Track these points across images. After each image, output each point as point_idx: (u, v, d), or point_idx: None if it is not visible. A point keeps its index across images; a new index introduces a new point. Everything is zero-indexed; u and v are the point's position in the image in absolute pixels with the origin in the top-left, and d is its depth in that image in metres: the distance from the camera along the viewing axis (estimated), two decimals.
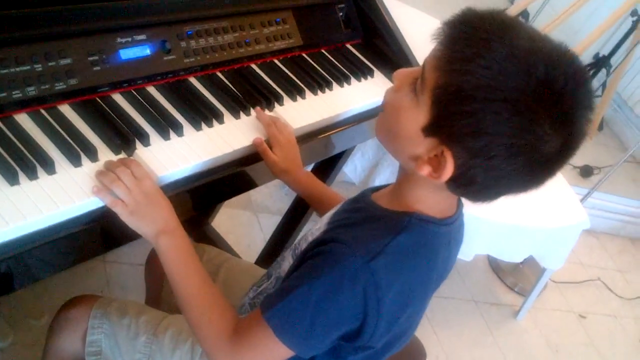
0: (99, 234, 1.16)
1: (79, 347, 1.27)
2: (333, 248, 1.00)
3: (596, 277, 3.50)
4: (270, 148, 1.36)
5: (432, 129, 0.95)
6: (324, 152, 1.73)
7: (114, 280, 2.12)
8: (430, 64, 0.95)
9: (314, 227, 1.17)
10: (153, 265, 1.56)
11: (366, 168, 2.52)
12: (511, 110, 0.88)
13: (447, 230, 1.08)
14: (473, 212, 2.37)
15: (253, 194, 2.77)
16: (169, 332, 1.28)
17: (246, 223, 2.63)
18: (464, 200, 1.10)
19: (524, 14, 4.51)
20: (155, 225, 1.10)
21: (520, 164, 0.91)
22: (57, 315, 1.31)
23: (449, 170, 0.95)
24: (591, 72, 4.17)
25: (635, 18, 3.94)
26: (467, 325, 2.85)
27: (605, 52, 4.24)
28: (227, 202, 2.61)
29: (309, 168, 2.11)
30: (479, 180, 0.95)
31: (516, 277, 3.18)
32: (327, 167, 2.11)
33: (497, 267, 3.21)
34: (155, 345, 1.27)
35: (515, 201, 2.48)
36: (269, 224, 2.64)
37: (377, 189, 1.17)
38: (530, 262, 2.98)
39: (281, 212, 2.65)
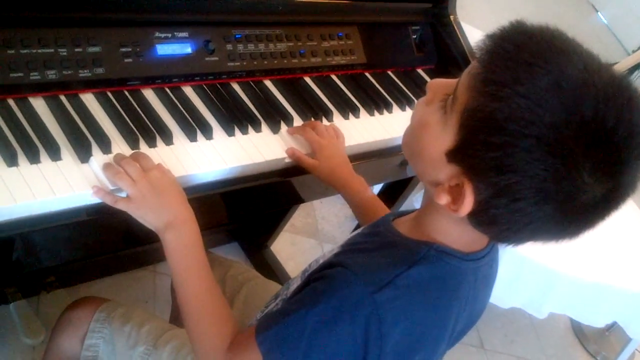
0: (105, 228, 1.10)
1: (77, 349, 1.21)
2: (337, 273, 0.89)
3: None
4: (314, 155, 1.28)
5: (456, 155, 0.83)
6: (379, 177, 1.62)
7: (161, 292, 2.08)
8: (464, 82, 0.83)
9: (327, 251, 1.06)
10: None
11: None
12: (545, 150, 0.74)
13: (474, 266, 0.95)
14: (548, 264, 2.20)
15: (321, 222, 2.68)
16: (170, 345, 1.20)
17: (309, 251, 2.54)
18: None
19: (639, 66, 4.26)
20: (163, 218, 1.02)
21: (551, 212, 0.78)
22: (62, 314, 1.26)
23: (467, 205, 0.82)
24: None
25: None
26: None
27: None
28: (292, 227, 2.53)
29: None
30: (502, 221, 0.82)
31: (600, 345, 2.92)
32: (392, 193, 2.00)
33: (579, 331, 2.96)
34: (152, 357, 1.19)
35: (598, 255, 2.29)
36: None
37: (402, 214, 1.05)
38: (616, 329, 2.74)
39: None
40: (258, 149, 1.25)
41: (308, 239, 2.57)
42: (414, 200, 2.29)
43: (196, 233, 1.05)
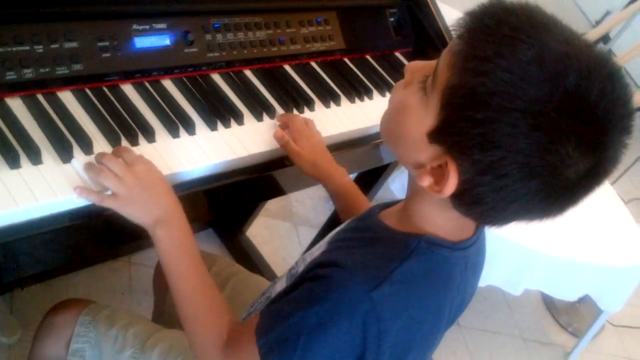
0: (90, 232, 1.06)
1: (63, 355, 1.17)
2: (331, 273, 0.87)
3: None
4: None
5: (438, 134, 0.82)
6: (361, 164, 1.60)
7: (137, 283, 2.04)
8: (444, 60, 0.81)
9: (313, 248, 1.04)
10: (160, 272, 1.46)
11: None
12: (530, 123, 0.73)
13: (463, 255, 0.94)
14: (525, 243, 2.21)
15: (295, 204, 2.66)
16: (158, 348, 1.17)
17: (284, 235, 2.52)
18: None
19: (605, 38, 4.30)
20: (152, 213, 0.99)
21: (535, 188, 0.77)
22: (44, 318, 1.22)
23: (451, 185, 0.81)
24: None
25: None
26: None
27: None
28: (266, 211, 2.51)
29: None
30: (487, 200, 0.80)
31: (571, 316, 2.97)
32: (369, 180, 1.98)
33: (550, 304, 3.00)
34: None
35: (573, 233, 2.32)
36: (309, 237, 2.52)
37: (387, 205, 1.04)
38: (587, 301, 2.78)
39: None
40: (242, 142, 1.22)
41: (283, 222, 2.55)
42: (389, 182, 2.28)
43: (186, 225, 1.03)
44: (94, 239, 1.10)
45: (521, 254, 2.20)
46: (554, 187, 0.77)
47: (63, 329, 1.19)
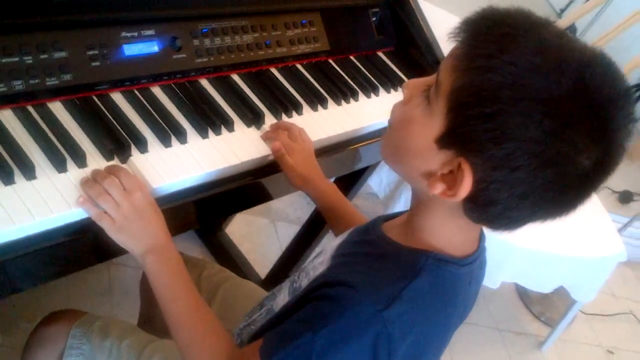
0: (83, 246, 1.05)
1: None
2: (341, 293, 0.86)
3: (628, 310, 3.31)
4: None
5: (448, 138, 0.82)
6: (347, 166, 1.60)
7: (117, 284, 2.02)
8: (447, 66, 0.83)
9: (315, 260, 1.04)
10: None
11: (392, 182, 2.39)
12: (542, 111, 0.75)
13: (468, 270, 0.94)
14: (503, 237, 2.23)
15: (273, 200, 2.65)
16: (154, 359, 1.16)
17: (263, 231, 2.51)
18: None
19: (572, 28, 4.35)
20: (143, 243, 0.99)
21: (549, 179, 0.78)
22: (35, 330, 1.20)
23: (466, 184, 0.81)
24: (637, 93, 3.99)
25: None
26: (488, 355, 2.69)
27: None
28: None
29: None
30: (501, 198, 0.81)
31: (543, 306, 3.02)
32: (350, 181, 1.98)
33: (524, 294, 3.05)
34: None
35: (548, 227, 2.35)
36: (287, 233, 2.52)
37: (389, 217, 1.04)
38: (559, 290, 2.81)
39: (301, 221, 2.54)
40: (233, 150, 1.21)
41: (261, 218, 2.54)
42: (369, 181, 2.29)
43: (177, 253, 1.03)
44: (85, 252, 1.08)
45: (499, 248, 2.22)
46: (567, 176, 0.78)
47: (55, 341, 1.17)
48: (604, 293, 3.26)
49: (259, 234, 2.49)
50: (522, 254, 2.27)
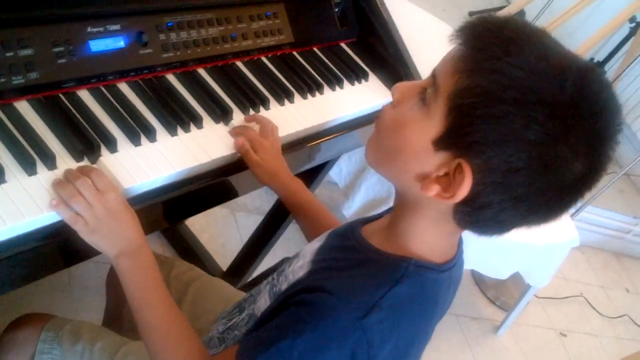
0: (54, 251, 1.02)
1: None
2: (319, 299, 0.86)
3: (579, 293, 3.41)
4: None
5: (447, 140, 0.82)
6: (310, 160, 1.59)
7: (76, 279, 1.98)
8: (447, 68, 0.83)
9: (295, 264, 1.03)
10: (115, 275, 1.42)
11: (352, 172, 2.40)
12: (547, 113, 0.76)
13: (448, 275, 0.95)
14: None
15: None
16: None
17: (222, 221, 2.50)
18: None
19: (521, 13, 4.41)
20: (117, 244, 0.98)
21: (547, 183, 0.79)
22: (3, 335, 1.17)
23: (466, 186, 0.81)
24: None
25: (633, 25, 3.85)
26: (445, 340, 2.74)
27: (600, 58, 4.13)
28: None
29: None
30: (496, 201, 0.81)
31: (498, 291, 3.08)
32: (311, 174, 1.97)
33: (479, 279, 3.10)
34: None
35: None
36: (247, 223, 2.51)
37: (368, 220, 1.04)
38: (514, 276, 2.87)
39: (260, 211, 2.53)
40: (202, 148, 1.20)
41: (220, 208, 2.52)
42: (331, 173, 2.29)
43: (151, 255, 1.01)
44: (57, 255, 1.05)
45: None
46: (563, 181, 0.79)
47: (24, 345, 1.14)
48: (556, 277, 3.32)
49: (218, 225, 2.47)
50: (478, 242, 2.30)
